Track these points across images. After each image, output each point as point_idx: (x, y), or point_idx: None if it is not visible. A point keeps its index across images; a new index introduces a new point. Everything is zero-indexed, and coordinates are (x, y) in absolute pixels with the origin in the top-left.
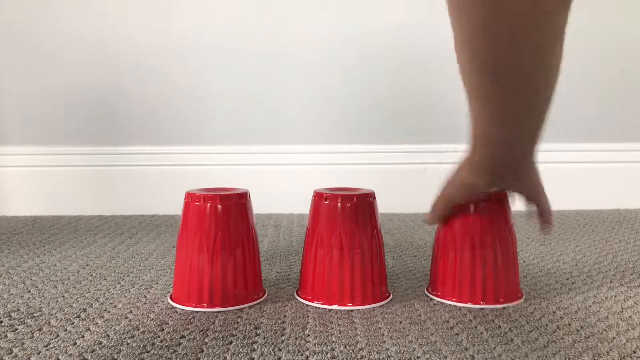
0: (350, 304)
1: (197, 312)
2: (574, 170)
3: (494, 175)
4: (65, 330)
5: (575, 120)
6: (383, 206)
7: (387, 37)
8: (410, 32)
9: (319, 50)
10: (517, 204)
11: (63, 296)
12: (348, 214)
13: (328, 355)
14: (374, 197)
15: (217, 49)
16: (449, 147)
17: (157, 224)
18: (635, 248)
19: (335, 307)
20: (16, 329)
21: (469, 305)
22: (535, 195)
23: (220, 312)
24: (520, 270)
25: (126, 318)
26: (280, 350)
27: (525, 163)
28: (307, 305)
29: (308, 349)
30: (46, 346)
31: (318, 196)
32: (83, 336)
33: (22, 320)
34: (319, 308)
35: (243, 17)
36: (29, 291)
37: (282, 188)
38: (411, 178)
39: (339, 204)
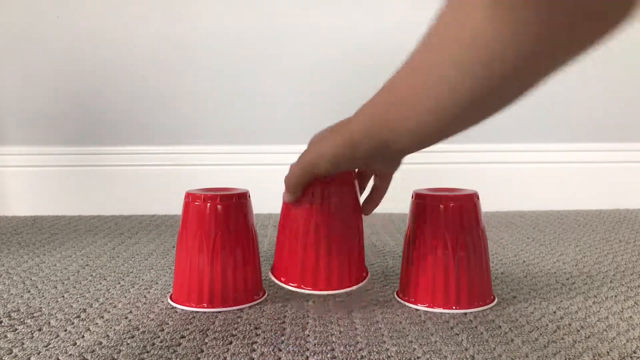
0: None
1: (197, 312)
2: (574, 170)
3: (370, 150)
4: (65, 330)
5: (576, 120)
6: (384, 206)
7: (386, 37)
8: (408, 32)
9: (319, 51)
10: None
11: (63, 296)
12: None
13: (328, 356)
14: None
15: (216, 50)
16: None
17: (157, 224)
18: (636, 248)
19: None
20: (16, 329)
21: (441, 310)
22: (389, 175)
23: (220, 312)
24: (520, 270)
25: (126, 318)
26: (280, 350)
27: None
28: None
29: (308, 349)
30: (46, 346)
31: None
32: (83, 336)
33: (22, 320)
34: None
35: (240, 18)
36: (29, 291)
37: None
38: (412, 178)
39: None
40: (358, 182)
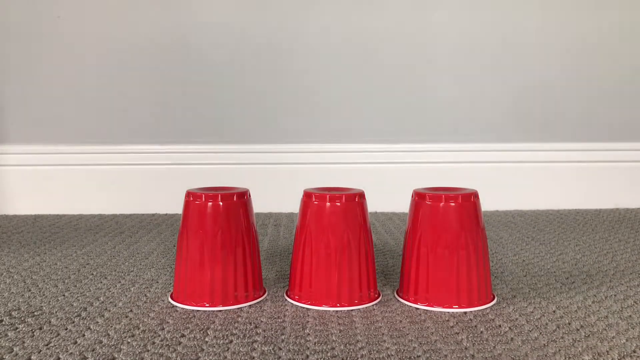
0: (338, 305)
1: (198, 311)
2: (574, 170)
3: None
4: (66, 329)
5: (576, 120)
6: (384, 205)
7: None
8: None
9: (319, 51)
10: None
11: (63, 295)
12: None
13: (328, 355)
14: (364, 197)
15: (218, 49)
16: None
17: (158, 222)
18: (635, 247)
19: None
20: (17, 328)
21: (444, 309)
22: None
23: (220, 311)
24: (520, 270)
25: (126, 317)
26: (280, 349)
27: None
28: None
29: (308, 348)
30: (47, 345)
31: (307, 196)
32: (83, 335)
33: (22, 319)
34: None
35: (242, 14)
36: (30, 290)
37: (282, 187)
38: (412, 177)
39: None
40: None
